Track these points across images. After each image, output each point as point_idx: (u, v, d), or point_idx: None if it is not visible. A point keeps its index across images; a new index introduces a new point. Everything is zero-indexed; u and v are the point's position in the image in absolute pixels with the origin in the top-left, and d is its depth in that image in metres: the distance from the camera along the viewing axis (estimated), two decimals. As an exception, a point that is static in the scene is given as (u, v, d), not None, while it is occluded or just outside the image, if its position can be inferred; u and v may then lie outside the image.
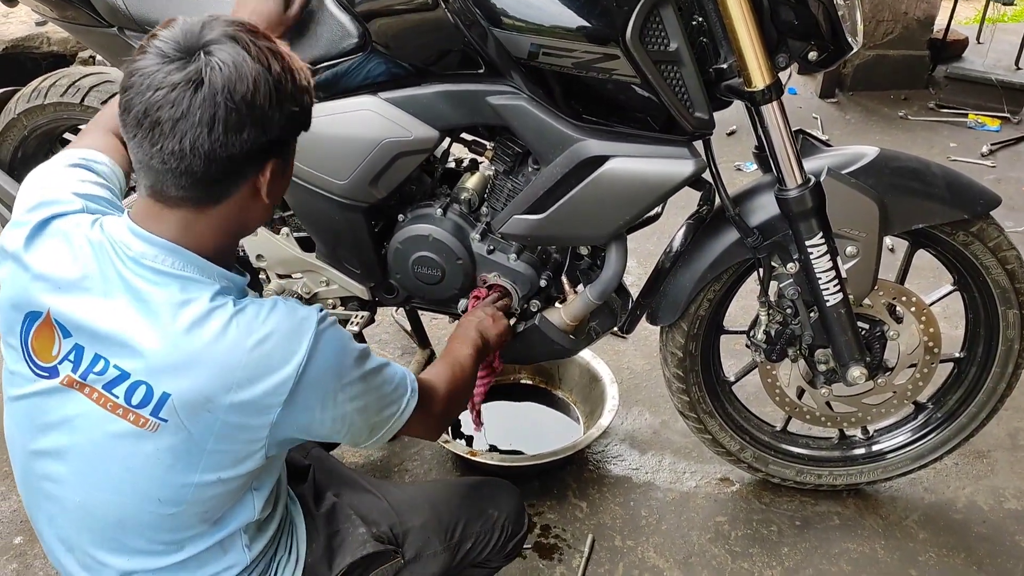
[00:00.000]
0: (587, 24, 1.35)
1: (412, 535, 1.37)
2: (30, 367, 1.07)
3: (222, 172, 1.01)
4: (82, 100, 2.00)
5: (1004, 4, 4.36)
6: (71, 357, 1.05)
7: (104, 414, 1.04)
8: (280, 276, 1.95)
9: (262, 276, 1.97)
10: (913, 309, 1.71)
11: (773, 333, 1.69)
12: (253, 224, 1.14)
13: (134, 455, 1.04)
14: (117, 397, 1.03)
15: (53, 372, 1.06)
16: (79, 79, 2.01)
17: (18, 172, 2.18)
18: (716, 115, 1.47)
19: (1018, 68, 4.73)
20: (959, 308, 1.85)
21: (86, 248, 1.05)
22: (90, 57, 5.03)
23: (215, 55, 0.97)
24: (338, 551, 1.31)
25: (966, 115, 4.21)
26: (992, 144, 3.88)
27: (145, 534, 1.11)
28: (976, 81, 4.29)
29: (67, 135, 2.22)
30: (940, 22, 4.62)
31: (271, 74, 1.00)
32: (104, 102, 1.99)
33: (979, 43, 5.07)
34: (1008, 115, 4.16)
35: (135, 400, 1.02)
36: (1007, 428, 2.19)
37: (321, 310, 1.11)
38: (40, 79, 2.07)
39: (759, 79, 1.42)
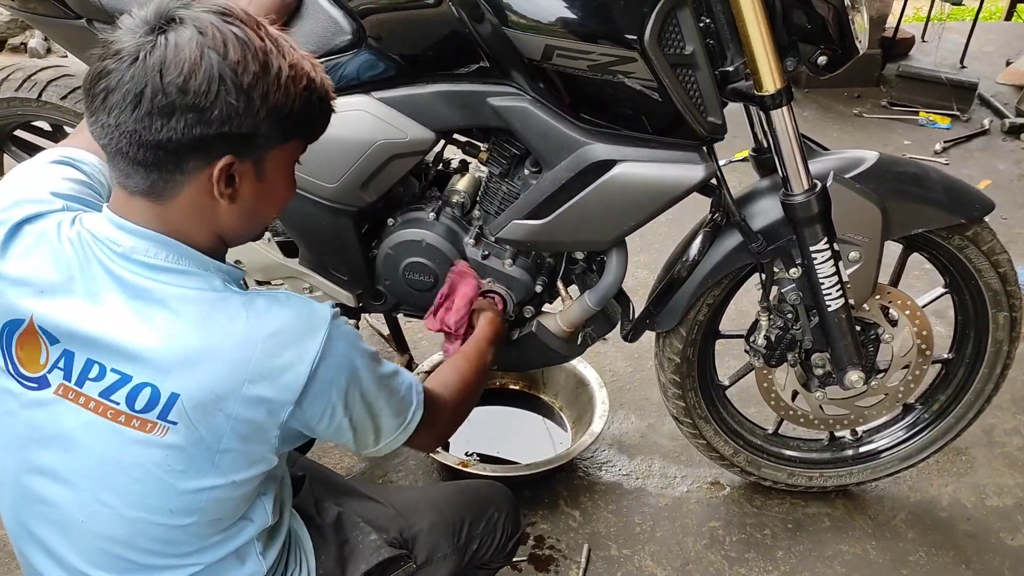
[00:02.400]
0: (605, 26, 1.30)
1: (421, 538, 1.33)
2: (17, 379, 0.98)
3: (156, 159, 0.92)
4: (39, 95, 1.86)
5: (952, 4, 4.45)
6: (60, 364, 0.97)
7: (104, 423, 0.96)
8: (259, 283, 1.85)
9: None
10: (907, 312, 1.72)
11: (773, 338, 1.67)
12: (232, 230, 1.03)
13: (141, 464, 0.97)
14: (118, 404, 0.95)
15: (43, 383, 0.97)
16: (35, 72, 1.87)
17: (-35, 171, 2.04)
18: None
19: (963, 67, 4.87)
20: (941, 309, 1.87)
21: (67, 248, 0.97)
22: (21, 44, 4.79)
23: (169, 33, 0.90)
24: (350, 559, 1.25)
25: (917, 113, 4.31)
26: (945, 141, 3.97)
27: (155, 548, 1.03)
28: (926, 79, 4.38)
29: (19, 132, 2.08)
30: (890, 21, 4.72)
31: (224, 61, 0.90)
32: (63, 97, 1.86)
33: (924, 41, 5.21)
34: (957, 113, 4.27)
35: (139, 405, 0.95)
36: (982, 424, 2.22)
37: (334, 306, 1.04)
38: (-9, 71, 1.92)
39: (770, 83, 1.39)
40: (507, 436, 2.14)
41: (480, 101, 1.49)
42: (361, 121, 1.54)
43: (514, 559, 1.50)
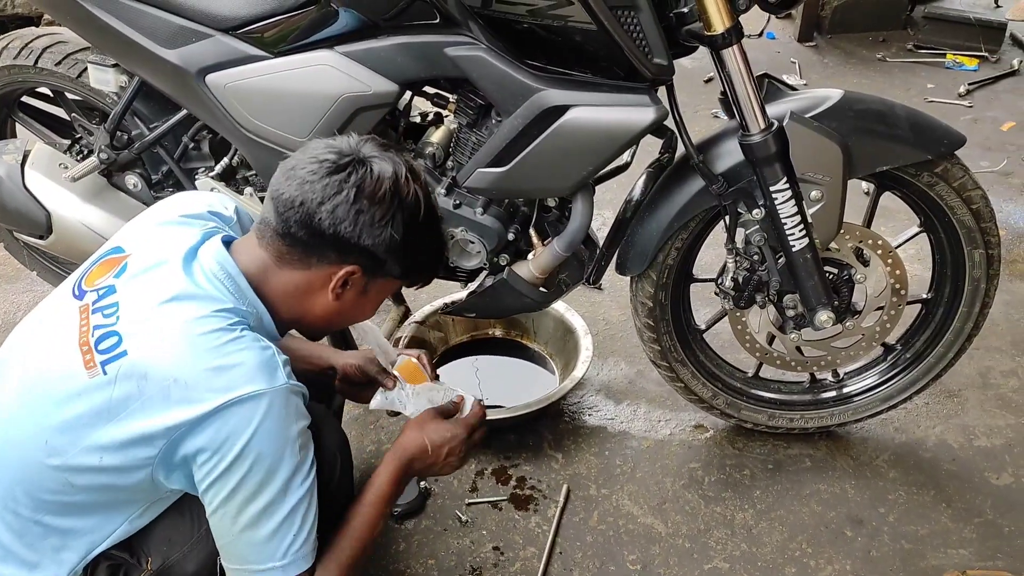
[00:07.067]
0: (538, -31, 1.32)
1: (155, 540, 1.22)
2: (75, 283, 1.18)
3: (309, 240, 1.13)
4: (35, 62, 1.95)
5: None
6: (101, 292, 1.14)
7: (72, 342, 1.09)
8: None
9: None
10: (879, 252, 1.71)
11: (741, 280, 1.69)
12: (313, 316, 1.22)
13: (62, 386, 1.09)
14: (92, 336, 1.09)
15: (82, 294, 1.15)
16: (31, 40, 1.96)
17: (-22, 138, 2.14)
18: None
19: (997, 6, 4.68)
20: (921, 249, 1.85)
21: (182, 233, 1.20)
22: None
23: (370, 163, 1.14)
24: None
25: (944, 55, 4.18)
26: (969, 84, 3.85)
27: (18, 479, 1.12)
28: (954, 20, 4.25)
29: (25, 99, 2.18)
30: (919, -40, 4.55)
31: (402, 204, 1.14)
32: (58, 63, 1.94)
33: (958, -19, 5.01)
34: (986, 54, 4.13)
35: (102, 345, 1.08)
36: (978, 367, 2.21)
37: (302, 392, 1.13)
38: (-8, 42, 2.01)
39: (719, 23, 1.40)
40: (499, 384, 2.20)
41: (438, 52, 1.53)
42: (326, 75, 1.59)
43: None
